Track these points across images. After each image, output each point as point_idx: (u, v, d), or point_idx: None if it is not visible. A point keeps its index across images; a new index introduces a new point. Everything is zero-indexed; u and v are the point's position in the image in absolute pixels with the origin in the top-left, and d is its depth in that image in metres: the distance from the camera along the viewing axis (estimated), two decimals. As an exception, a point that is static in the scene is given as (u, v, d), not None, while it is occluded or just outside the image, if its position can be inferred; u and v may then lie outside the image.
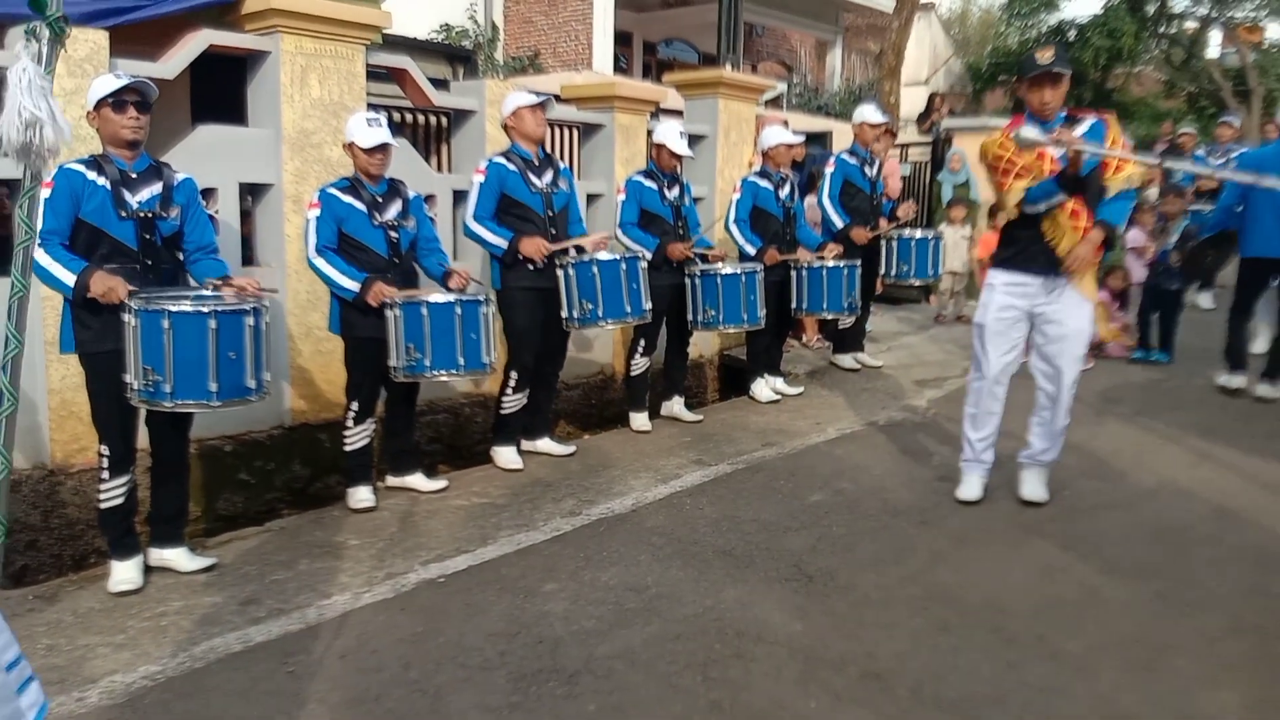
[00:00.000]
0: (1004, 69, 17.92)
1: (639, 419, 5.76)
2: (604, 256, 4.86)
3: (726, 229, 6.18)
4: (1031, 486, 4.39)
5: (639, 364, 5.74)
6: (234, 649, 3.03)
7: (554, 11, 15.22)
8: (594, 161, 6.72)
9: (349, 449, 4.38)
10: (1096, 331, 7.59)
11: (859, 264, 6.34)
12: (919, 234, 6.86)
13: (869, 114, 6.89)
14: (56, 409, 4.17)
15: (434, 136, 6.24)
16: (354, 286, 4.11)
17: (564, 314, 4.87)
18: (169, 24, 4.63)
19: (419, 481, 4.59)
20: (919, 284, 7.76)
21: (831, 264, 6.16)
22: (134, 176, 3.46)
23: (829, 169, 6.86)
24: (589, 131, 6.72)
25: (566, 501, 4.43)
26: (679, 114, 7.50)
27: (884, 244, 6.86)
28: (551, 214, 4.87)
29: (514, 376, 4.93)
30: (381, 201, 4.23)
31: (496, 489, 4.63)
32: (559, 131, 6.77)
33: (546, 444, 5.21)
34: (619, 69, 15.75)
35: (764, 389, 6.42)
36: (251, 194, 4.94)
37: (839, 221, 6.74)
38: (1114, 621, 3.25)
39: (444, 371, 4.19)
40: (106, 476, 3.51)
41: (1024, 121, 4.00)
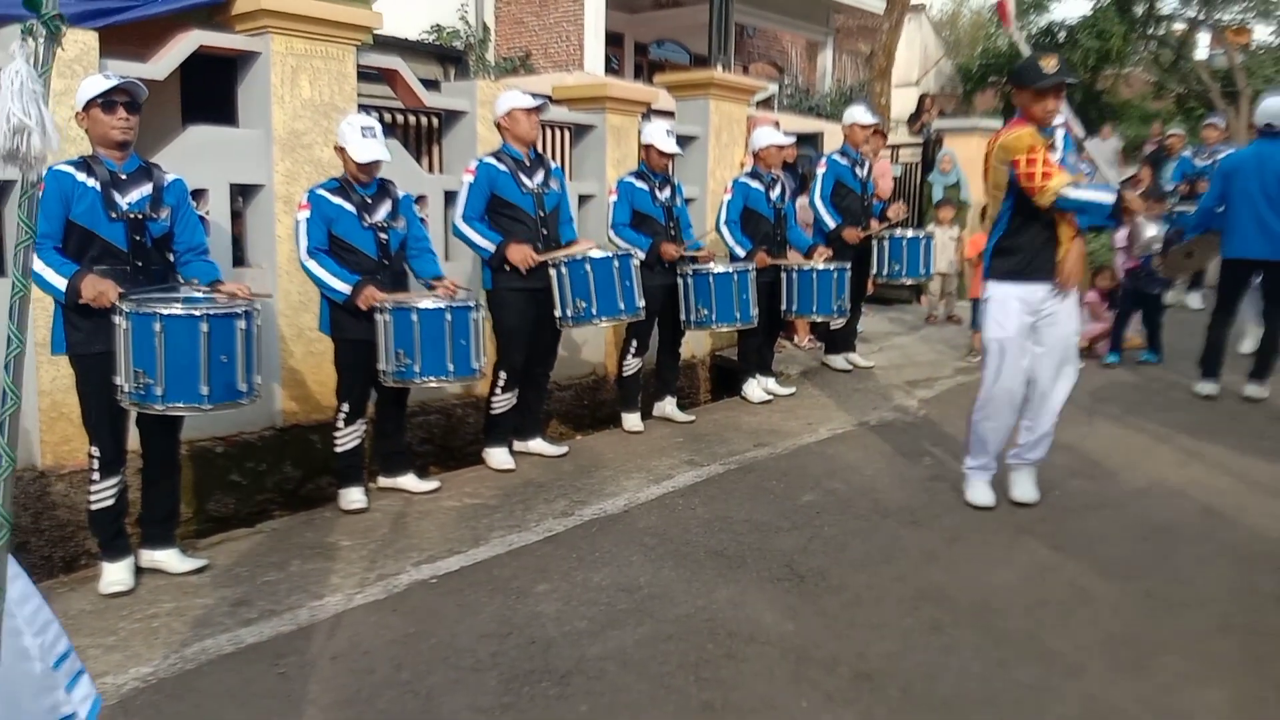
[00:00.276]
0: (994, 70, 17.98)
1: (631, 419, 5.77)
2: (596, 254, 4.86)
3: (717, 230, 6.20)
4: (1022, 488, 4.40)
5: (631, 364, 5.74)
6: (225, 650, 3.03)
7: (545, 12, 15.21)
8: (585, 162, 6.72)
9: (340, 450, 4.38)
10: (1089, 331, 7.65)
11: (849, 267, 6.36)
12: (910, 233, 6.90)
13: (859, 115, 6.91)
14: (47, 410, 4.15)
15: (425, 137, 6.24)
16: (345, 289, 4.10)
17: (557, 313, 4.87)
18: (159, 25, 4.62)
19: (411, 482, 4.59)
20: (911, 283, 7.79)
21: (821, 267, 6.18)
22: (124, 178, 3.45)
23: (820, 170, 6.88)
24: (580, 132, 6.72)
25: (559, 502, 4.44)
26: (670, 115, 7.51)
27: (875, 244, 6.90)
28: (542, 214, 4.87)
29: (503, 377, 4.93)
30: (371, 203, 4.23)
31: (488, 490, 4.63)
32: (550, 132, 6.77)
33: (538, 444, 5.21)
34: (610, 70, 15.75)
35: (756, 389, 6.43)
36: (242, 195, 4.93)
37: (831, 222, 6.76)
38: (1104, 620, 3.26)
39: (433, 378, 4.19)
40: (97, 478, 3.50)
41: (1024, 125, 3.96)
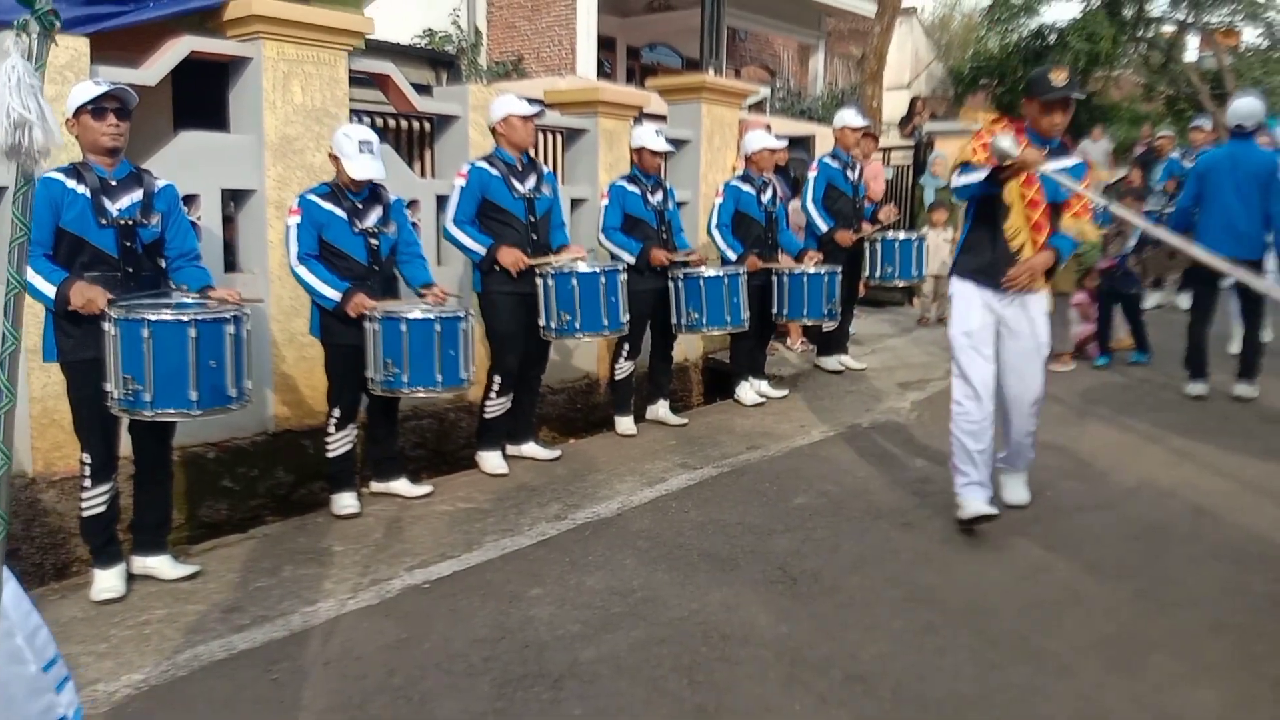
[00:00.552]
0: (984, 73, 18.02)
1: (624, 423, 5.77)
2: (583, 269, 4.87)
3: (709, 233, 6.21)
4: (1012, 490, 4.41)
5: (623, 368, 5.75)
6: (218, 657, 3.02)
7: (537, 17, 15.21)
8: (578, 166, 6.73)
9: (331, 455, 4.37)
10: (1079, 334, 7.68)
11: (839, 271, 6.38)
12: (902, 235, 6.93)
13: (850, 118, 6.94)
14: (38, 417, 4.14)
15: (417, 142, 6.24)
16: (335, 296, 4.10)
17: (542, 323, 4.88)
18: (150, 30, 4.62)
19: (403, 487, 4.58)
20: (903, 285, 7.81)
21: (812, 271, 6.19)
22: (114, 184, 3.44)
23: (812, 173, 6.90)
24: (572, 136, 6.73)
25: (552, 506, 4.44)
26: (663, 119, 7.52)
27: (867, 246, 6.93)
28: (533, 219, 4.87)
29: (497, 381, 4.93)
30: (362, 208, 4.23)
31: (482, 494, 4.63)
32: (542, 136, 6.77)
33: (531, 448, 5.21)
34: (602, 74, 15.76)
35: (748, 392, 6.44)
36: (234, 200, 4.93)
37: (823, 225, 6.77)
38: (1095, 621, 3.27)
39: (421, 388, 4.18)
40: (88, 484, 3.49)
41: (1024, 134, 3.94)
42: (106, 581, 3.49)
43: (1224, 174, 6.08)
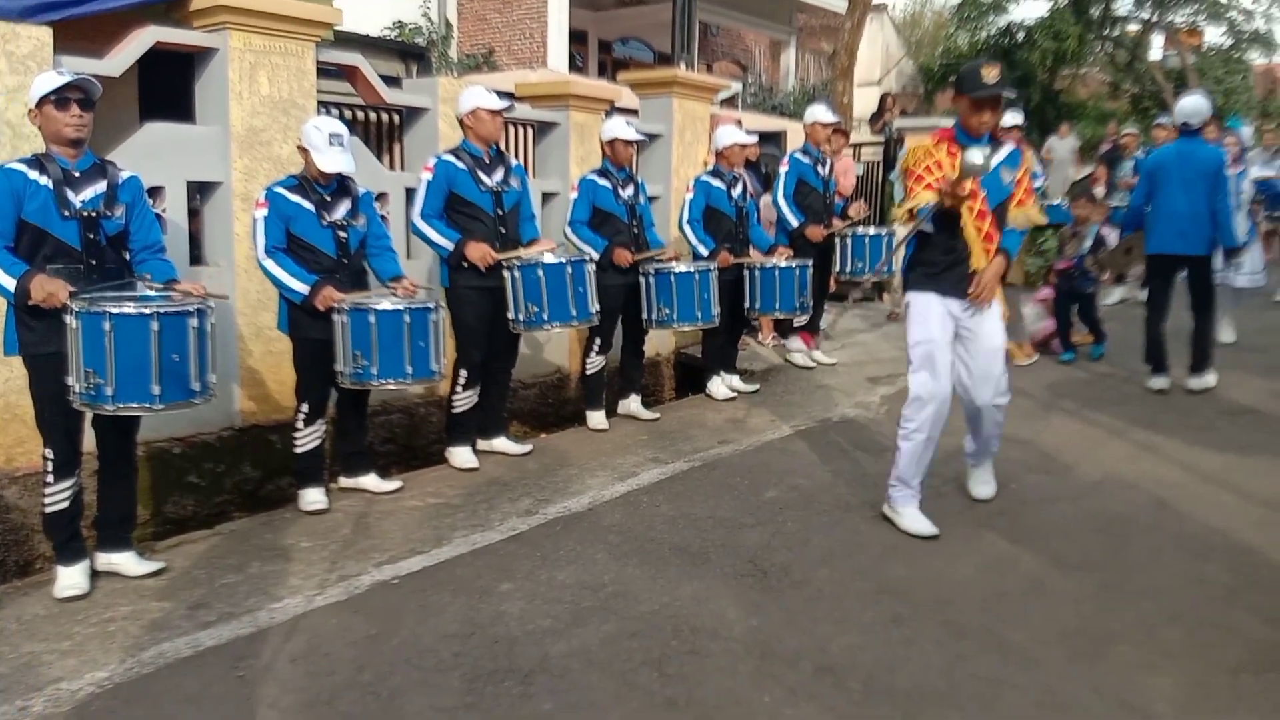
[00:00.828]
0: (954, 70, 18.18)
1: (596, 417, 5.77)
2: (550, 259, 4.86)
3: (680, 229, 6.22)
4: (981, 484, 4.45)
5: (594, 362, 5.75)
6: (184, 654, 2.99)
7: (508, 9, 15.14)
8: (549, 160, 6.71)
9: (300, 451, 4.34)
10: (1043, 329, 7.78)
11: (810, 264, 6.42)
12: (872, 230, 6.98)
13: (820, 113, 6.98)
14: (0, 412, 4.08)
15: (386, 134, 6.19)
16: (302, 289, 4.06)
17: (510, 315, 4.86)
18: (115, 20, 4.55)
19: (372, 482, 4.56)
20: (874, 280, 7.87)
21: (784, 264, 6.23)
22: (77, 175, 3.39)
23: (783, 168, 6.93)
24: (544, 130, 6.70)
25: (523, 501, 4.43)
26: (634, 113, 7.51)
27: (838, 241, 6.97)
28: (501, 213, 4.85)
29: (463, 375, 4.91)
30: (330, 201, 4.19)
31: (452, 489, 4.61)
32: (513, 129, 6.75)
33: (502, 443, 5.20)
34: (574, 67, 15.71)
35: (720, 387, 6.46)
36: (200, 192, 4.87)
37: (794, 220, 6.81)
38: (1059, 612, 3.33)
39: (391, 380, 4.16)
40: (51, 480, 3.44)
41: (953, 135, 3.92)
42: (70, 578, 3.44)
43: (1172, 171, 6.20)
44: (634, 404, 6.03)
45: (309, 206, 4.13)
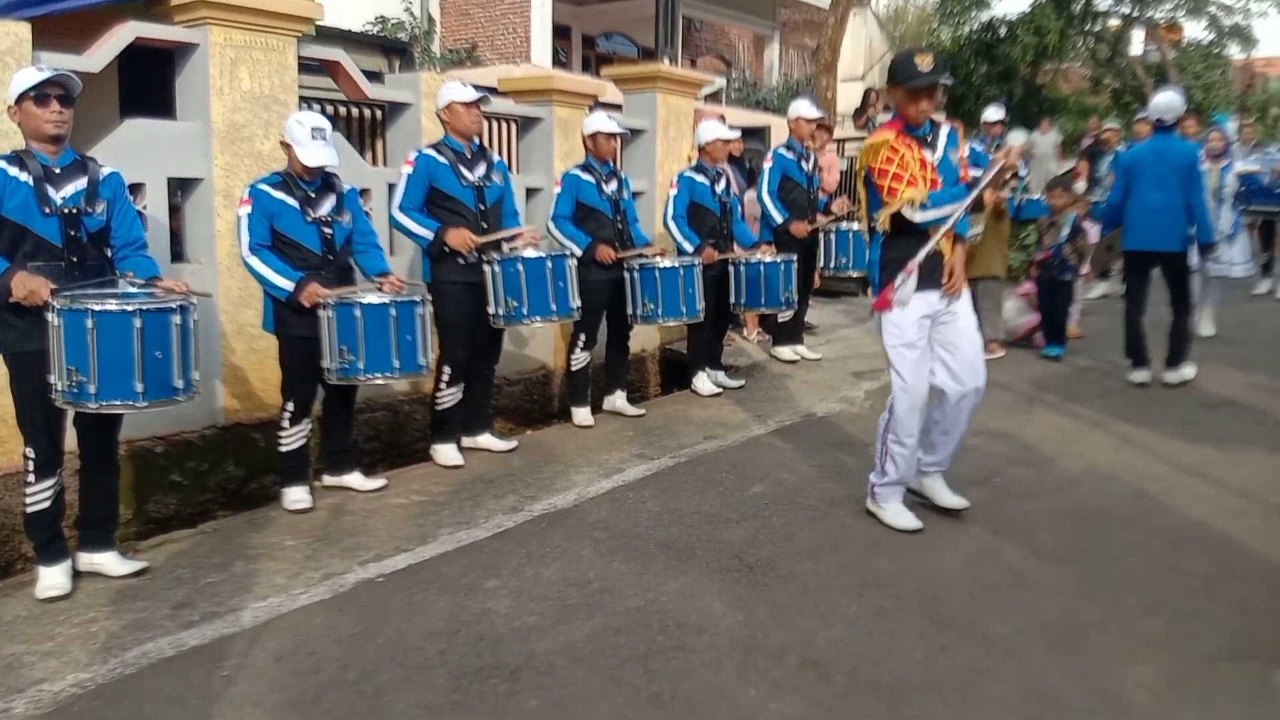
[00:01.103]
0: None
1: (581, 414, 5.77)
2: (530, 254, 4.85)
3: (665, 225, 6.22)
4: (949, 494, 4.21)
5: (579, 359, 5.75)
6: (167, 654, 2.98)
7: (491, 4, 15.08)
8: (532, 155, 6.70)
9: (285, 450, 4.32)
10: (1026, 324, 7.82)
11: (795, 259, 6.43)
12: (856, 226, 7.00)
13: (804, 109, 6.99)
14: (-22, 412, 4.04)
15: (368, 130, 6.17)
16: (288, 286, 4.04)
17: (490, 310, 4.85)
18: (94, 16, 4.52)
19: (356, 481, 4.55)
20: (857, 275, 7.88)
21: (768, 259, 6.24)
22: (58, 172, 3.37)
23: (767, 164, 6.95)
24: (527, 125, 6.69)
25: (508, 498, 4.43)
26: (618, 108, 7.51)
27: (822, 237, 6.99)
28: (483, 208, 4.84)
29: (447, 371, 4.90)
30: (315, 197, 4.17)
31: (437, 487, 4.61)
32: (496, 125, 6.73)
33: (487, 440, 5.20)
34: (558, 62, 15.67)
35: (705, 382, 6.48)
36: (181, 189, 4.84)
37: (778, 216, 6.82)
38: (1041, 603, 3.36)
39: (379, 375, 4.14)
40: (32, 480, 3.42)
41: (901, 127, 3.85)
42: (52, 579, 3.42)
43: (1147, 167, 6.25)
44: (619, 400, 6.04)
45: (293, 203, 4.11)
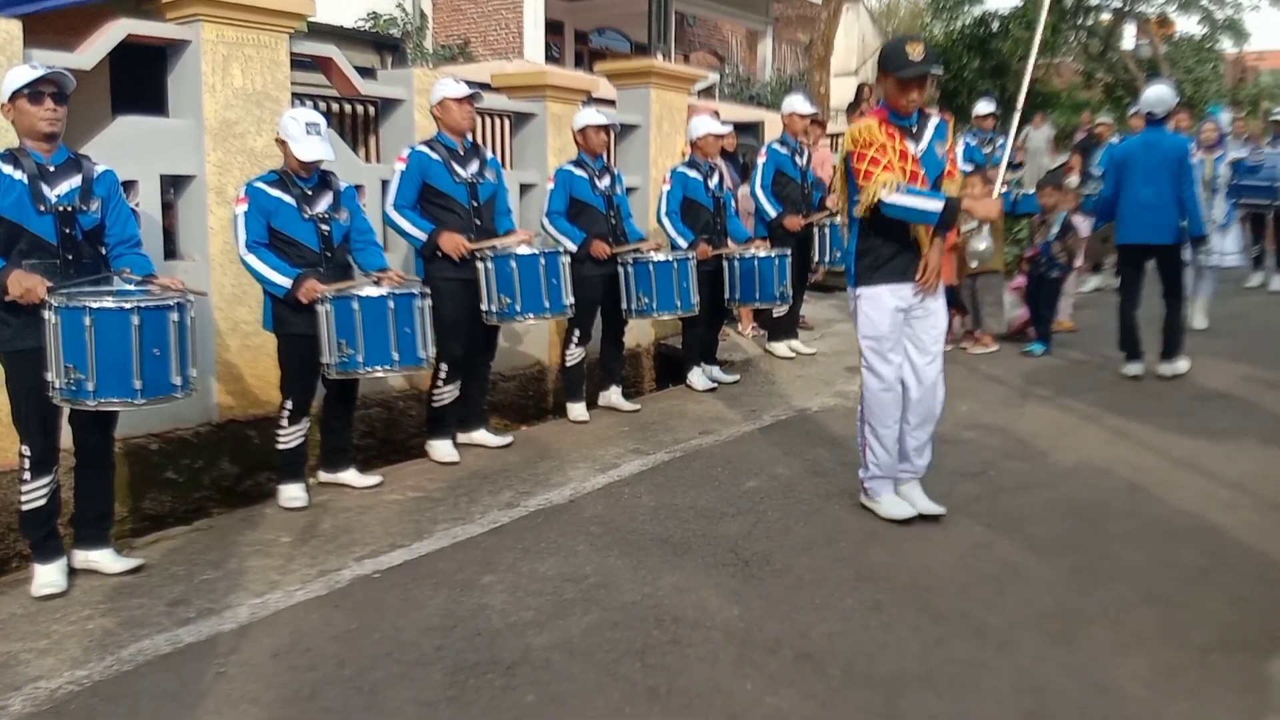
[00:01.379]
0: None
1: (576, 409, 5.78)
2: (524, 251, 4.85)
3: (658, 221, 6.22)
4: (925, 499, 4.11)
5: (574, 354, 5.75)
6: (163, 651, 2.98)
7: (484, 0, 15.07)
8: (526, 151, 6.69)
9: (282, 448, 4.32)
10: (1020, 317, 7.84)
11: (789, 253, 6.44)
12: (849, 221, 7.01)
13: (797, 104, 7.00)
14: (-28, 410, 4.03)
15: (361, 126, 6.16)
16: (285, 283, 4.04)
17: (483, 307, 4.85)
18: (86, 13, 4.52)
19: (352, 477, 4.55)
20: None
21: (763, 254, 6.25)
22: (52, 170, 3.37)
23: (761, 159, 6.95)
24: (520, 121, 6.69)
25: (504, 493, 4.44)
26: (611, 104, 7.51)
27: (816, 231, 7.00)
28: (476, 205, 4.84)
29: (444, 368, 4.90)
30: (312, 195, 4.17)
31: (432, 483, 4.61)
32: (490, 121, 6.73)
33: (482, 436, 5.20)
34: (550, 58, 15.66)
35: (700, 378, 6.48)
36: (173, 186, 4.83)
37: (772, 211, 6.83)
38: (1034, 596, 3.37)
39: (378, 368, 4.14)
40: (28, 477, 3.42)
41: (886, 115, 3.83)
42: (47, 576, 3.42)
43: (1138, 161, 6.27)
44: (614, 395, 6.04)
45: (290, 201, 4.11)
